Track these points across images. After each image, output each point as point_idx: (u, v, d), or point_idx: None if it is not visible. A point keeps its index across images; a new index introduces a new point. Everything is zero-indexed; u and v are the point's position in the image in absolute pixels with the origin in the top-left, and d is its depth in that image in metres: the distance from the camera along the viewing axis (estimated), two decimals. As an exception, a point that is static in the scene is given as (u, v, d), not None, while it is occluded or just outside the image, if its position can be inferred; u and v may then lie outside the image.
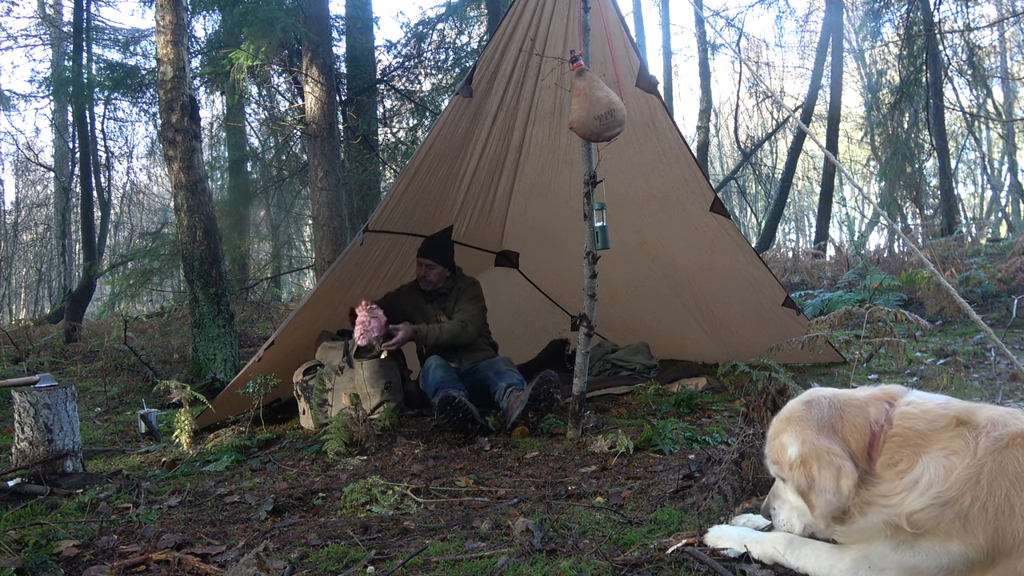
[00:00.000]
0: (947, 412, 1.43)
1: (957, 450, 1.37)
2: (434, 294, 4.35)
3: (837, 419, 1.51)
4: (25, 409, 2.96)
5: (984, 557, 1.33)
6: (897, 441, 1.44)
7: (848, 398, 1.55)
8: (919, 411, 1.46)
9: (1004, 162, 19.28)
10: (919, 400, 1.50)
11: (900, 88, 12.01)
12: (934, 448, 1.40)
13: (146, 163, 19.56)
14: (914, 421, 1.45)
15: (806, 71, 18.29)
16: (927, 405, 1.47)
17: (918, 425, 1.44)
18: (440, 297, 4.36)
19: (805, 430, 1.52)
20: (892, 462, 1.43)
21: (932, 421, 1.43)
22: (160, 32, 5.45)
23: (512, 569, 1.79)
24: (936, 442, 1.40)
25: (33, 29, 13.93)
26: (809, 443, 1.49)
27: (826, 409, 1.53)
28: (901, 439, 1.44)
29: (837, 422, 1.51)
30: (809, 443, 1.49)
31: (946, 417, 1.42)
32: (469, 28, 10.04)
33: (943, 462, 1.37)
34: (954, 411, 1.43)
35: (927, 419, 1.44)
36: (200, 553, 2.05)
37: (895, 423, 1.46)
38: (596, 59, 3.58)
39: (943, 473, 1.36)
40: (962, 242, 9.65)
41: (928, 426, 1.43)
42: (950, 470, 1.35)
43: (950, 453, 1.37)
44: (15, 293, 22.17)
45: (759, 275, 4.43)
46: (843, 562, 1.52)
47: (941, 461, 1.37)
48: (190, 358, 5.83)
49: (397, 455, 3.21)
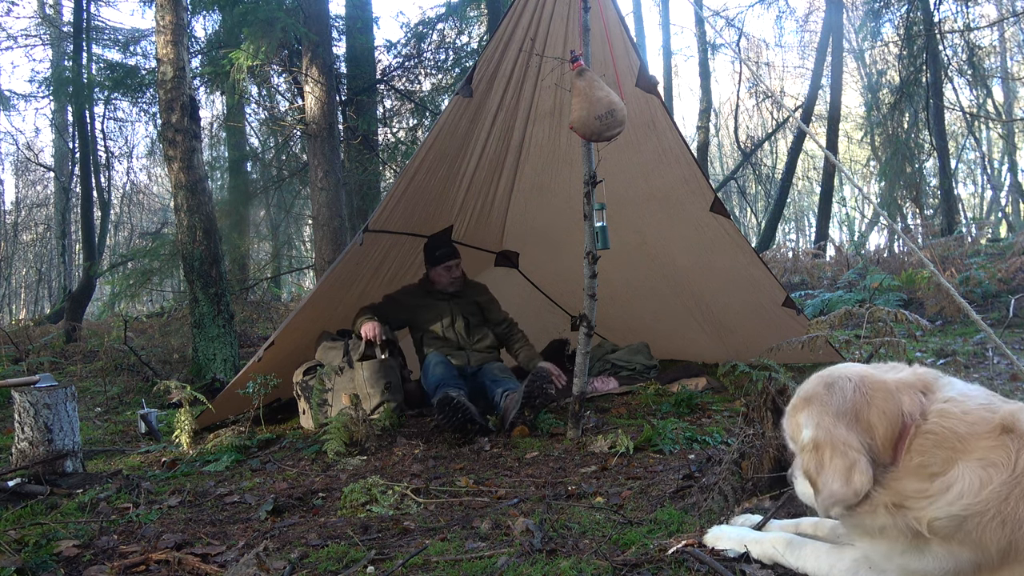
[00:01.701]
0: (991, 416, 1.31)
1: (996, 462, 1.26)
2: (450, 294, 4.37)
3: (863, 404, 1.38)
4: (25, 409, 2.96)
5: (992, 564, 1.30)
6: (932, 440, 1.32)
7: (877, 382, 1.41)
8: (959, 411, 1.33)
9: (1004, 162, 19.28)
10: (959, 396, 1.36)
11: (900, 88, 12.02)
12: (972, 456, 1.28)
13: (146, 163, 19.59)
14: (954, 422, 1.32)
15: (806, 71, 18.29)
16: (968, 404, 1.34)
17: (958, 427, 1.31)
18: (455, 297, 4.38)
19: (823, 414, 1.40)
20: (924, 464, 1.32)
21: (973, 424, 1.31)
22: (160, 32, 5.45)
23: (512, 569, 1.79)
24: (975, 450, 1.29)
25: (33, 29, 13.94)
26: (825, 429, 1.39)
27: (850, 393, 1.40)
28: (937, 439, 1.32)
29: (863, 408, 1.37)
30: (825, 429, 1.39)
31: (990, 422, 1.30)
32: (469, 28, 10.04)
33: (980, 473, 1.26)
34: (1000, 416, 1.31)
35: (968, 421, 1.31)
36: (200, 553, 2.05)
37: (931, 419, 1.34)
38: (596, 59, 3.58)
39: (977, 486, 1.26)
40: (962, 242, 9.65)
41: (969, 429, 1.30)
42: (985, 484, 1.25)
43: (988, 465, 1.27)
44: (15, 293, 22.17)
45: (759, 275, 4.43)
46: (843, 562, 1.51)
47: (978, 472, 1.27)
48: (190, 358, 5.83)
49: (397, 455, 3.21)
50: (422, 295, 4.38)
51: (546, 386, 3.52)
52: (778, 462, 2.09)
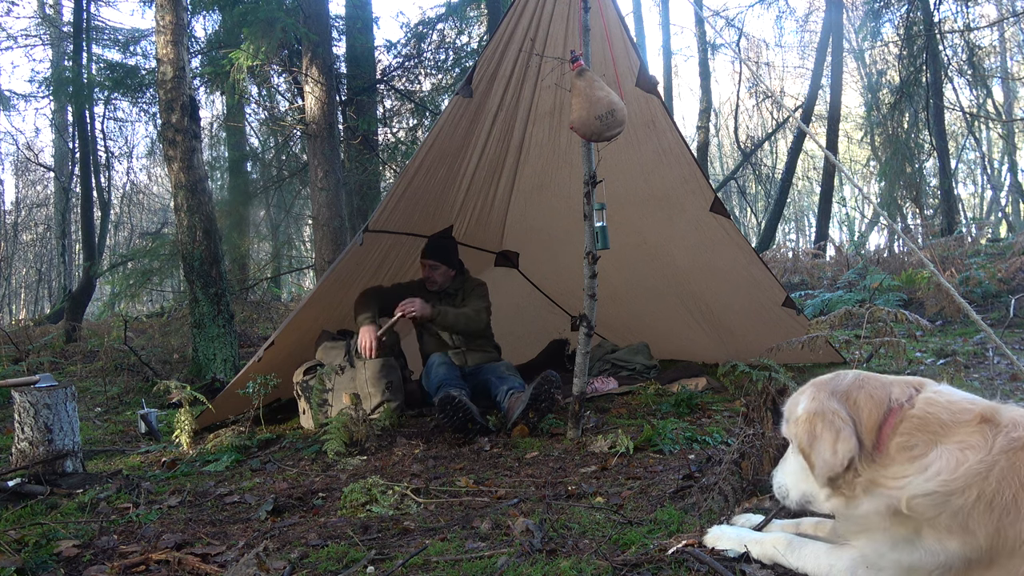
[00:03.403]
0: (973, 407, 1.41)
1: (973, 445, 1.35)
2: (441, 294, 4.35)
3: (855, 388, 1.52)
4: (25, 409, 2.96)
5: (983, 556, 1.33)
6: (915, 423, 1.42)
7: (874, 376, 1.56)
8: (945, 400, 1.44)
9: (1004, 162, 19.29)
10: (947, 391, 1.48)
11: (900, 88, 12.02)
12: (952, 440, 1.38)
13: (146, 163, 19.61)
14: (938, 409, 1.42)
15: (806, 71, 18.30)
16: (954, 396, 1.45)
17: (941, 414, 1.41)
18: (448, 297, 4.36)
19: (820, 391, 1.54)
20: (907, 445, 1.41)
21: (956, 413, 1.41)
22: (160, 32, 5.45)
23: (512, 569, 1.79)
24: (955, 434, 1.38)
25: (33, 29, 13.95)
26: (819, 401, 1.52)
27: (849, 379, 1.55)
28: (920, 423, 1.42)
29: (854, 391, 1.51)
30: (819, 401, 1.52)
31: (971, 412, 1.40)
32: (469, 28, 10.05)
33: (957, 454, 1.35)
34: (980, 408, 1.41)
35: (952, 410, 1.41)
36: (200, 553, 2.05)
37: (918, 405, 1.44)
38: (596, 59, 3.58)
39: (953, 464, 1.34)
40: (962, 242, 9.65)
41: (952, 417, 1.40)
42: (961, 462, 1.34)
43: (966, 447, 1.36)
44: (15, 293, 22.17)
45: (759, 275, 4.43)
46: (842, 562, 1.52)
47: (955, 453, 1.36)
48: (190, 358, 5.83)
49: (397, 455, 3.21)
50: (423, 292, 4.37)
51: (553, 390, 3.48)
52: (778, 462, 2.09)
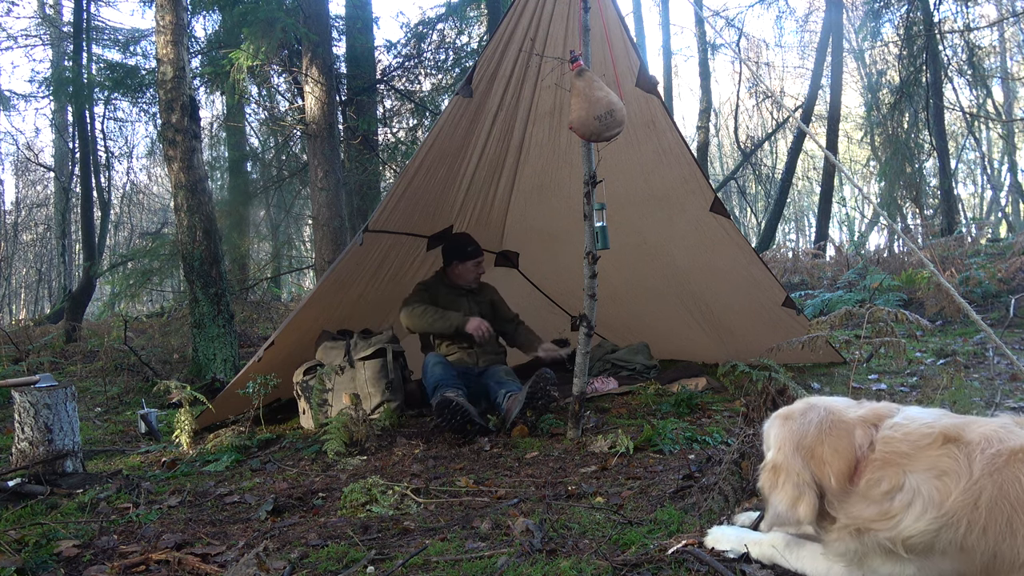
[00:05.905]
0: (931, 431, 1.41)
1: (947, 470, 1.34)
2: (468, 290, 4.40)
3: (818, 442, 1.51)
4: (25, 409, 2.96)
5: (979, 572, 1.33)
6: (878, 464, 1.43)
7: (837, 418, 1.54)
8: (900, 434, 1.44)
9: (1004, 162, 19.29)
10: (903, 421, 1.47)
11: (900, 88, 12.01)
12: (919, 467, 1.37)
13: (146, 163, 19.59)
14: (896, 444, 1.43)
15: (806, 71, 18.29)
16: (910, 426, 1.45)
17: (900, 447, 1.42)
18: (472, 293, 4.42)
19: (786, 441, 1.55)
20: (874, 482, 1.42)
21: (915, 441, 1.41)
22: (160, 32, 5.45)
23: (512, 569, 1.79)
24: (921, 460, 1.38)
25: (33, 29, 13.93)
26: (784, 455, 1.54)
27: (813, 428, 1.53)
28: (882, 462, 1.43)
29: (818, 446, 1.50)
30: (784, 455, 1.54)
31: (930, 436, 1.40)
32: (469, 28, 10.04)
33: (935, 484, 1.34)
34: (940, 428, 1.40)
35: (910, 440, 1.42)
36: (200, 553, 2.05)
37: (877, 448, 1.45)
38: (596, 59, 3.58)
39: (937, 497, 1.33)
40: (962, 242, 9.65)
41: (911, 447, 1.41)
42: (945, 494, 1.32)
43: (940, 473, 1.35)
44: (15, 293, 22.16)
45: (759, 275, 4.43)
46: (840, 563, 1.52)
47: (933, 483, 1.34)
48: (190, 358, 5.83)
49: (397, 455, 3.21)
50: (444, 289, 4.35)
51: (549, 387, 3.52)
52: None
